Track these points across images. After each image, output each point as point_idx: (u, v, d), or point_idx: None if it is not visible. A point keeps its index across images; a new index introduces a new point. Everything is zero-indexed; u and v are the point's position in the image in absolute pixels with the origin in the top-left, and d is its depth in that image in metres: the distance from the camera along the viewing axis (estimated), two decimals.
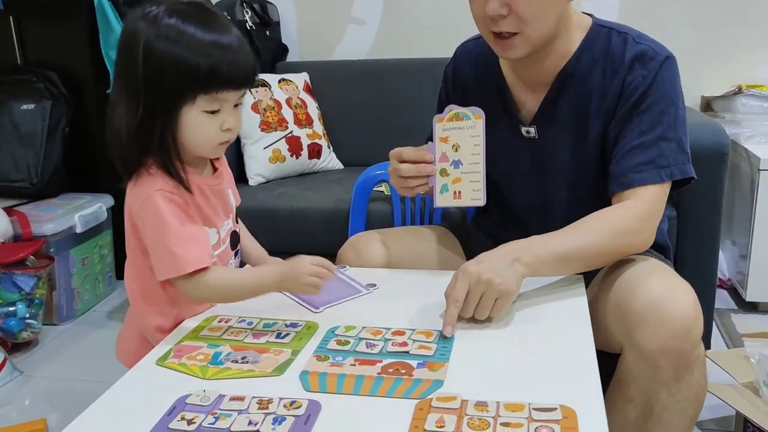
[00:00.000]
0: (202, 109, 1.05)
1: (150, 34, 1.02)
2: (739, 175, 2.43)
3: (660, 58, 1.22)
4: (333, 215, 2.19)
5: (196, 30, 1.03)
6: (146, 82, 1.02)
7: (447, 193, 1.23)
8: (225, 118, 1.08)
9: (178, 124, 1.05)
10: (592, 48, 1.26)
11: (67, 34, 2.65)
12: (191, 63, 1.01)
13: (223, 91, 1.05)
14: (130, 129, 1.04)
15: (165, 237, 1.05)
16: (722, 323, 2.26)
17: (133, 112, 1.04)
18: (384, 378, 0.90)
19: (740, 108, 2.47)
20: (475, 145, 1.19)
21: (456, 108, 1.20)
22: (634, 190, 1.19)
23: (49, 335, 2.37)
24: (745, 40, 2.63)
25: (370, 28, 2.93)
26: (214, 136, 1.08)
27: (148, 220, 1.07)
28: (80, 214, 2.48)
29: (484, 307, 1.04)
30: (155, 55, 1.02)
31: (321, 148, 2.62)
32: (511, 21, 1.17)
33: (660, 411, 1.12)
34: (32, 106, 2.54)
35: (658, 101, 1.21)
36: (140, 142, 1.05)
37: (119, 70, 1.07)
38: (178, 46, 1.02)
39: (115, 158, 1.08)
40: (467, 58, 1.42)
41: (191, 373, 0.95)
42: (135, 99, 1.03)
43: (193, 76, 1.02)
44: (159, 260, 1.07)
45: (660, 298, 1.07)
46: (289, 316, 1.11)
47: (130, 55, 1.03)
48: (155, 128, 1.04)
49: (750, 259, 2.29)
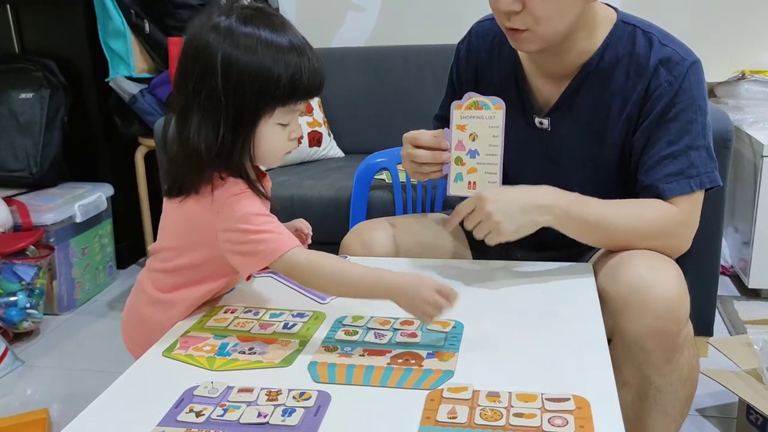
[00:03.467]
0: (278, 122, 1.03)
1: (228, 47, 0.98)
2: (742, 162, 2.42)
3: (686, 64, 1.18)
4: (334, 203, 2.18)
5: (272, 35, 0.99)
6: (226, 97, 0.98)
7: (461, 183, 1.22)
8: (294, 127, 1.06)
9: (255, 137, 1.02)
10: (616, 46, 1.22)
11: (65, 22, 2.62)
12: (273, 73, 0.98)
13: (300, 101, 1.03)
14: (210, 147, 1.00)
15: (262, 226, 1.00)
16: (725, 310, 2.26)
17: (212, 130, 0.99)
18: (394, 368, 0.90)
19: (744, 94, 2.46)
20: (494, 136, 1.18)
21: (475, 96, 1.18)
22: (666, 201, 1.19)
23: (50, 325, 2.36)
24: (749, 25, 2.61)
25: (369, 15, 2.90)
26: (283, 146, 1.07)
27: (236, 215, 1.01)
28: (80, 203, 2.47)
29: (478, 231, 1.14)
30: (235, 68, 0.97)
31: (321, 136, 2.60)
32: (524, 18, 1.14)
33: (654, 393, 1.13)
34: (31, 95, 2.52)
35: (686, 109, 1.18)
36: (221, 159, 1.01)
37: (187, 83, 1.00)
38: (258, 56, 0.98)
39: (180, 175, 1.04)
40: (483, 38, 1.38)
41: (198, 364, 0.94)
42: (214, 116, 0.99)
43: (275, 87, 0.99)
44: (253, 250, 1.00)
45: (642, 280, 1.07)
46: (295, 306, 1.11)
47: (204, 69, 0.98)
48: (237, 145, 1.01)
49: (753, 246, 2.29)
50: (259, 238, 1.00)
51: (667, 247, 1.17)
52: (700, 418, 1.73)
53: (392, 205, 2.05)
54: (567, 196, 1.18)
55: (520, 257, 1.42)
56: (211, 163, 1.01)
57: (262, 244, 1.00)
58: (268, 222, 1.02)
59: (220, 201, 1.02)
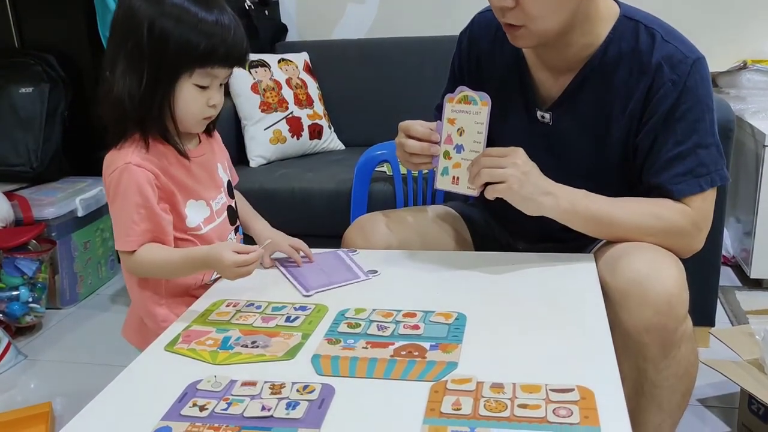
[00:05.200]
0: (195, 83, 1.12)
1: (154, 13, 1.08)
2: (743, 152, 2.41)
3: (689, 62, 1.16)
4: (335, 196, 2.18)
5: (198, 9, 1.09)
6: (150, 55, 1.08)
7: (447, 177, 1.21)
8: (212, 95, 1.15)
9: (174, 94, 1.11)
10: (619, 42, 1.21)
11: (65, 16, 2.62)
12: (192, 41, 1.08)
13: (217, 67, 1.12)
14: (133, 96, 1.10)
15: (120, 210, 1.12)
16: (727, 300, 2.26)
17: (136, 81, 1.09)
18: (397, 361, 0.90)
19: (745, 83, 2.45)
20: (478, 132, 1.16)
21: (466, 90, 1.18)
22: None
23: (52, 319, 2.37)
24: (750, 14, 2.60)
25: (369, 7, 2.90)
26: (200, 110, 1.15)
27: (110, 191, 1.13)
28: (81, 197, 2.47)
29: (493, 173, 1.13)
30: (159, 33, 1.08)
31: (322, 129, 2.60)
32: (517, 14, 1.13)
33: (650, 388, 1.13)
34: (31, 89, 2.52)
35: (692, 108, 1.17)
36: (143, 107, 1.10)
37: (117, 41, 1.12)
38: (182, 25, 1.08)
39: (110, 123, 1.14)
40: (485, 29, 1.36)
41: (201, 358, 0.94)
42: (138, 69, 1.09)
43: (193, 52, 1.09)
44: (114, 231, 1.15)
45: (642, 274, 1.07)
46: (297, 299, 1.11)
47: (132, 31, 1.09)
48: (157, 96, 1.10)
49: (754, 236, 2.28)
50: (118, 223, 1.12)
51: (679, 246, 1.17)
52: (701, 408, 1.73)
53: (393, 197, 2.05)
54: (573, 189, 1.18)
55: (522, 249, 1.43)
56: (133, 111, 1.10)
57: (119, 230, 1.12)
58: (135, 211, 1.11)
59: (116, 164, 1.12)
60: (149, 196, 1.11)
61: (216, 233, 1.22)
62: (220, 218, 1.23)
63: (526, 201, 1.14)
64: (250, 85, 2.47)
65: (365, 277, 1.18)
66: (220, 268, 1.09)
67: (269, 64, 2.55)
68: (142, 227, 1.11)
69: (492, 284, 1.14)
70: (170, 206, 1.15)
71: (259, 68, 2.52)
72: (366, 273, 1.20)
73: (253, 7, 2.69)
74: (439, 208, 1.48)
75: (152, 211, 1.12)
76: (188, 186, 1.18)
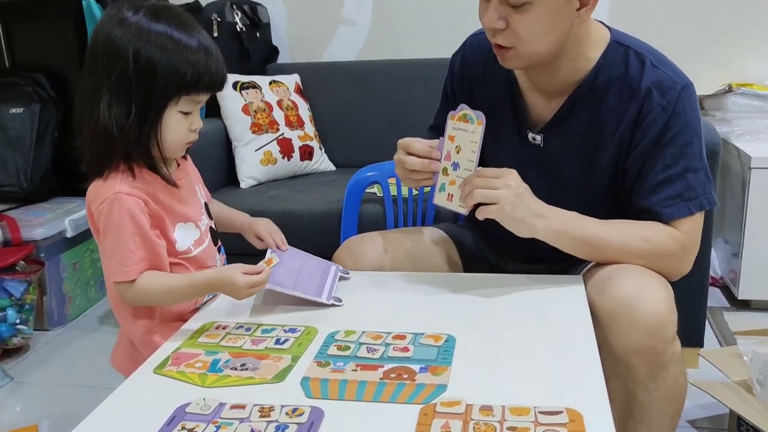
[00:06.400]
0: (180, 109, 1.12)
1: (138, 42, 1.07)
2: (730, 174, 2.44)
3: (678, 87, 1.18)
4: (325, 217, 2.18)
5: (181, 36, 1.09)
6: (137, 85, 1.08)
7: (443, 193, 1.22)
8: (194, 120, 1.15)
9: (162, 122, 1.11)
10: (609, 66, 1.22)
11: (56, 36, 2.63)
12: (180, 70, 1.08)
13: (201, 93, 1.13)
14: (121, 126, 1.08)
15: (114, 240, 1.10)
16: (715, 321, 2.27)
17: (124, 112, 1.08)
18: (387, 383, 0.90)
19: (731, 106, 2.48)
20: (472, 151, 1.18)
21: (466, 109, 1.19)
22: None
23: (40, 341, 2.35)
24: (735, 39, 2.64)
25: (360, 30, 2.92)
26: (184, 136, 1.15)
27: (101, 222, 1.11)
28: (71, 218, 2.46)
29: (485, 194, 1.13)
30: (145, 63, 1.07)
31: (312, 150, 2.61)
32: (508, 35, 1.15)
33: (639, 410, 1.13)
34: (21, 109, 2.52)
35: (681, 133, 1.18)
36: (133, 137, 1.09)
37: (99, 72, 1.09)
38: (168, 53, 1.07)
39: (95, 154, 1.12)
40: (478, 52, 1.38)
41: (190, 381, 0.94)
42: (125, 99, 1.08)
43: (181, 81, 1.09)
44: (107, 263, 1.12)
45: (631, 296, 1.08)
46: (287, 321, 1.11)
47: (115, 60, 1.07)
48: (146, 125, 1.10)
49: (742, 257, 2.30)
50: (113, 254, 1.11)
51: (668, 269, 1.18)
52: (691, 430, 1.73)
53: (383, 218, 2.05)
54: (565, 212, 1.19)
55: (511, 269, 1.43)
56: (122, 141, 1.09)
57: (115, 261, 1.10)
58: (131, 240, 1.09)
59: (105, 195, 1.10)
60: (143, 224, 1.10)
61: (206, 255, 1.22)
62: (208, 239, 1.23)
63: (518, 223, 1.15)
64: (241, 106, 2.48)
65: (325, 301, 1.15)
66: (232, 289, 1.10)
67: (260, 85, 2.57)
68: (139, 255, 1.10)
69: (481, 306, 1.15)
70: (160, 231, 1.14)
71: (250, 90, 2.53)
72: (331, 298, 1.17)
73: (245, 29, 2.71)
74: (429, 230, 1.49)
75: (147, 238, 1.11)
76: (176, 210, 1.17)
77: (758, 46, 2.64)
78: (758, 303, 2.36)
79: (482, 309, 1.14)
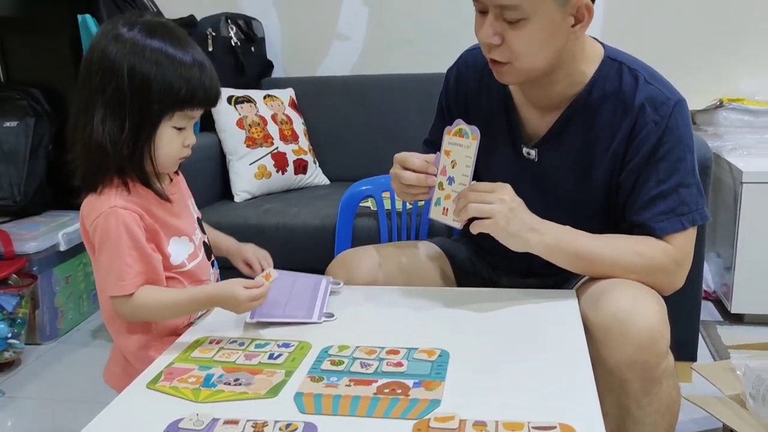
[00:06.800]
0: (174, 125, 1.12)
1: (133, 58, 1.07)
2: (722, 188, 2.45)
3: (671, 103, 1.19)
4: (319, 231, 2.18)
5: (175, 52, 1.09)
6: (132, 101, 1.07)
7: (438, 207, 1.23)
8: (187, 135, 1.16)
9: (155, 138, 1.11)
10: (603, 82, 1.24)
11: (51, 51, 2.63)
12: (174, 86, 1.08)
13: (196, 109, 1.13)
14: (115, 142, 1.08)
15: (111, 255, 1.10)
16: (708, 335, 2.28)
17: (118, 127, 1.08)
18: (380, 398, 0.90)
19: (722, 121, 2.50)
20: (466, 166, 1.18)
21: (462, 123, 1.20)
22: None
23: (32, 355, 2.33)
24: (726, 54, 2.67)
25: (354, 45, 2.94)
26: (177, 151, 1.16)
27: (97, 236, 1.10)
28: (64, 231, 2.45)
29: (480, 208, 1.14)
30: (140, 79, 1.07)
31: (307, 164, 2.61)
32: (503, 51, 1.16)
33: (632, 424, 1.13)
34: (15, 123, 2.52)
35: (674, 149, 1.19)
36: (127, 152, 1.09)
37: (93, 87, 1.09)
38: (163, 69, 1.08)
39: (88, 169, 1.12)
40: (473, 67, 1.38)
41: (183, 396, 0.93)
42: (120, 115, 1.08)
43: (175, 96, 1.09)
44: (103, 277, 1.11)
45: (624, 310, 1.08)
46: (281, 336, 1.11)
47: (109, 76, 1.08)
48: (140, 140, 1.10)
49: (734, 271, 2.31)
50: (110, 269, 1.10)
51: (661, 283, 1.18)
52: None
53: (377, 232, 2.05)
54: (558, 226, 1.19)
55: (504, 283, 1.43)
56: (116, 156, 1.08)
57: (111, 275, 1.10)
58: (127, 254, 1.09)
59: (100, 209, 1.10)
60: (139, 237, 1.10)
61: (200, 269, 1.21)
62: (201, 253, 1.23)
63: (513, 237, 1.15)
64: (235, 120, 2.48)
65: (316, 320, 1.16)
66: (233, 304, 1.10)
67: (255, 99, 2.57)
68: (136, 269, 1.10)
69: (475, 321, 1.15)
70: (155, 245, 1.14)
71: (244, 104, 2.54)
72: (322, 315, 1.17)
73: (239, 43, 2.72)
74: (422, 244, 1.49)
75: (144, 252, 1.11)
76: (170, 224, 1.18)
77: (749, 62, 2.66)
78: (751, 317, 2.37)
79: (476, 324, 1.14)
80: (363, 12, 2.90)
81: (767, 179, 2.25)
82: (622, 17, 2.68)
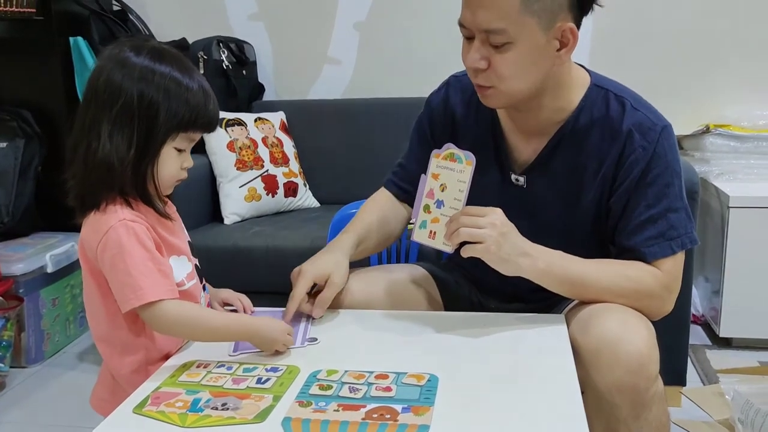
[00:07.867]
0: (176, 146, 1.14)
1: (141, 85, 1.09)
2: (709, 213, 2.47)
3: (658, 129, 1.21)
4: (309, 254, 2.12)
5: (182, 78, 1.12)
6: (139, 123, 1.09)
7: (424, 230, 1.23)
8: (185, 158, 1.17)
9: (159, 157, 1.12)
10: (590, 109, 1.25)
11: (42, 72, 2.64)
12: (180, 111, 1.11)
13: (198, 131, 1.16)
14: (122, 159, 1.09)
15: (128, 266, 1.07)
16: (697, 359, 2.28)
17: (125, 145, 1.09)
18: (369, 423, 0.89)
19: (709, 146, 2.53)
20: (459, 190, 1.19)
21: (453, 148, 1.20)
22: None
23: (17, 378, 2.31)
24: (712, 81, 2.71)
25: (346, 68, 2.96)
26: (176, 173, 1.17)
27: (109, 251, 1.08)
28: (51, 253, 2.44)
29: (471, 232, 1.13)
30: (148, 104, 1.09)
31: (297, 187, 2.62)
32: (489, 75, 1.17)
33: None
34: (5, 144, 2.52)
35: (662, 174, 1.21)
36: (130, 171, 1.10)
37: (98, 107, 1.10)
38: (170, 95, 1.10)
39: (92, 186, 1.11)
40: (461, 93, 1.40)
41: (170, 421, 0.93)
42: (127, 134, 1.09)
43: (181, 120, 1.11)
44: (121, 290, 1.08)
45: (613, 334, 1.08)
46: (269, 360, 1.10)
47: (116, 99, 1.09)
48: (146, 158, 1.11)
49: (722, 295, 2.33)
50: (128, 280, 1.07)
51: (650, 308, 1.19)
52: None
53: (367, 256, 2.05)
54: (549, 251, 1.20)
55: (493, 307, 1.43)
56: (120, 174, 1.09)
57: (130, 286, 1.07)
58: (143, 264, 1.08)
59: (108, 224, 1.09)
60: (152, 248, 1.10)
61: (196, 290, 1.21)
62: (195, 276, 1.23)
63: (504, 262, 1.16)
64: (226, 143, 2.49)
65: (300, 345, 1.15)
66: (268, 340, 1.11)
67: (246, 122, 2.58)
68: (152, 279, 1.08)
69: (464, 345, 1.15)
70: None
71: (235, 127, 2.55)
72: (305, 340, 1.17)
73: (231, 66, 2.74)
74: (410, 268, 1.49)
75: (158, 261, 1.10)
76: (170, 242, 1.17)
77: (734, 88, 2.70)
78: (739, 341, 2.38)
79: (465, 348, 1.13)
80: (354, 36, 2.93)
81: (754, 204, 2.28)
82: (611, 46, 2.72)
